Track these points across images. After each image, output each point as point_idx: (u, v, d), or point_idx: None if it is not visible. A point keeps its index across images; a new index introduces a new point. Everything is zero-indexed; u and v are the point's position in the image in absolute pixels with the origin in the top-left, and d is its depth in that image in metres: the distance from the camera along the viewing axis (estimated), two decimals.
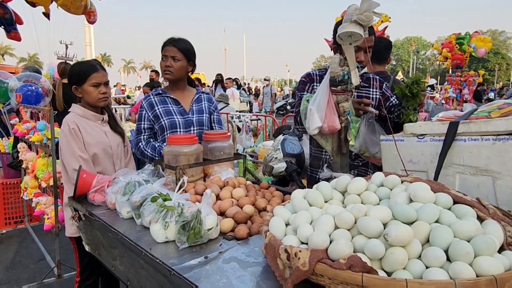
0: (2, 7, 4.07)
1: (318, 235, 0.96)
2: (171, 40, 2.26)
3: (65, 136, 2.08)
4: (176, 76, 2.27)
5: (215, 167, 1.95)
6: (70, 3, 3.86)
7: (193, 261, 1.18)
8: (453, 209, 1.03)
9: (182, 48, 2.24)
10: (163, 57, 2.24)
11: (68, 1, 3.82)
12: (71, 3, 3.85)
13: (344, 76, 1.59)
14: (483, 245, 0.85)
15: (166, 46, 2.24)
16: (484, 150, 1.29)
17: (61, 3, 3.84)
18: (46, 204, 3.15)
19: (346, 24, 1.41)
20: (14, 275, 3.41)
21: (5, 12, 4.12)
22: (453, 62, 10.73)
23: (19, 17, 4.47)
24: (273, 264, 1.01)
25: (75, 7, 3.97)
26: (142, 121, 2.29)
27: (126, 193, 1.59)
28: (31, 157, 3.47)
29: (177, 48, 2.22)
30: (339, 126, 1.63)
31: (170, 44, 2.23)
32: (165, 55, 2.23)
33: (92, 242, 1.74)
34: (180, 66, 2.25)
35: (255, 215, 1.49)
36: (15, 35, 4.45)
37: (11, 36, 4.42)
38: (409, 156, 1.53)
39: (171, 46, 2.22)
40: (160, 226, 1.33)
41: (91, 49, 23.59)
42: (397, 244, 0.87)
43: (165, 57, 2.23)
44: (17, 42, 4.71)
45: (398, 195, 1.10)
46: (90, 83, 2.13)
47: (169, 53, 2.21)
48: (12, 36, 4.43)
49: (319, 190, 1.23)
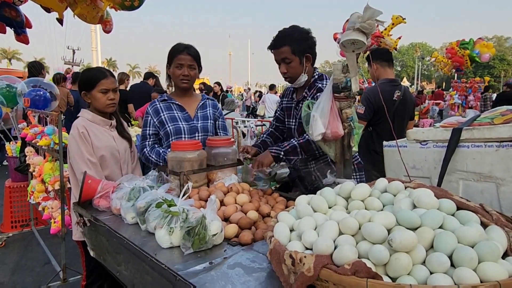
0: (15, 10, 4.15)
1: (323, 240, 0.97)
2: (183, 47, 2.25)
3: (75, 139, 2.11)
4: (192, 84, 2.33)
5: (219, 173, 1.96)
6: (86, 13, 3.91)
7: (198, 266, 1.18)
8: (457, 215, 1.03)
9: (195, 55, 2.27)
10: (178, 65, 2.24)
11: (85, 11, 3.87)
12: (87, 12, 3.90)
13: (347, 82, 1.60)
14: (487, 251, 0.85)
15: (180, 54, 2.23)
16: (487, 156, 1.29)
17: (78, 13, 3.90)
18: (53, 208, 3.18)
19: (349, 32, 1.42)
20: (20, 278, 3.43)
21: (17, 15, 4.20)
22: (453, 64, 10.75)
23: (29, 21, 4.55)
24: (278, 269, 1.01)
25: (91, 17, 4.03)
26: (148, 127, 2.31)
27: (131, 199, 1.60)
28: (38, 161, 3.51)
29: (191, 57, 2.25)
30: (342, 132, 1.64)
31: (185, 52, 2.23)
32: (180, 64, 2.23)
33: (97, 247, 1.75)
34: (195, 74, 2.29)
35: (259, 220, 1.50)
36: (24, 38, 4.54)
37: (20, 39, 4.51)
38: (412, 162, 1.53)
39: (185, 54, 2.23)
40: (165, 232, 1.34)
41: (97, 54, 23.81)
42: (402, 250, 0.88)
43: (180, 66, 2.23)
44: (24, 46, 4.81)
45: (402, 201, 1.10)
46: (99, 89, 2.17)
47: (185, 62, 2.23)
48: (21, 39, 4.52)
49: (323, 196, 1.24)
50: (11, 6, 4.07)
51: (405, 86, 3.32)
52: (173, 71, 2.27)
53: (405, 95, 3.11)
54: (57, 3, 3.80)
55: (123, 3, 3.60)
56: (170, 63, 2.27)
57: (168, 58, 2.29)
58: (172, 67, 2.26)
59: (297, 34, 2.13)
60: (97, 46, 24.06)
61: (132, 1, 3.53)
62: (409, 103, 3.21)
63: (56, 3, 3.82)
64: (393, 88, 3.08)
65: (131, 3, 3.55)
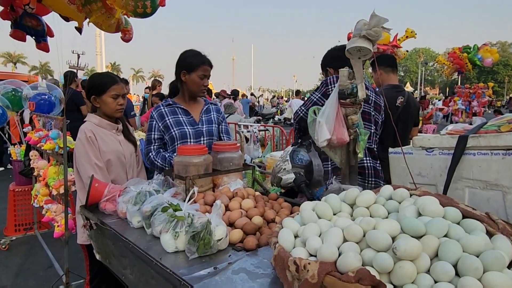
0: (35, 19, 4.23)
1: (327, 247, 0.97)
2: (205, 58, 2.32)
3: (82, 144, 2.13)
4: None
5: (224, 177, 1.97)
6: (102, 21, 3.96)
7: (203, 271, 1.19)
8: (462, 223, 1.03)
9: (212, 66, 2.35)
10: (201, 76, 2.29)
11: (100, 19, 3.91)
12: (102, 21, 3.94)
13: (353, 89, 1.61)
14: (493, 260, 0.85)
15: (205, 65, 2.30)
16: (494, 164, 1.29)
17: (93, 21, 3.95)
18: (57, 212, 3.19)
19: (355, 39, 1.43)
20: (23, 282, 3.44)
21: (38, 24, 4.29)
22: (454, 67, 10.78)
23: (51, 30, 4.64)
24: (282, 276, 1.02)
25: (107, 25, 4.07)
26: (152, 131, 2.33)
27: (137, 203, 1.61)
28: (42, 165, 3.53)
29: (211, 68, 2.34)
30: (348, 139, 1.64)
31: (207, 64, 2.31)
32: (204, 75, 2.30)
33: (103, 250, 1.76)
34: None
35: (264, 226, 1.50)
36: (44, 46, 4.64)
37: (40, 47, 4.61)
38: (418, 169, 1.53)
39: (208, 66, 2.31)
40: (170, 236, 1.35)
41: (101, 58, 23.94)
42: (406, 258, 0.88)
43: (204, 76, 2.30)
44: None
45: (407, 208, 1.10)
46: (110, 95, 2.20)
47: (208, 73, 2.32)
48: (41, 47, 4.62)
49: (328, 203, 1.24)
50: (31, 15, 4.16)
51: (409, 92, 3.32)
52: (194, 79, 2.30)
53: (408, 101, 3.12)
54: (76, 12, 3.86)
55: (135, 10, 3.62)
56: (191, 70, 2.29)
57: (188, 65, 2.29)
58: (194, 75, 2.29)
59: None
60: (102, 50, 24.19)
61: (144, 7, 3.55)
62: (412, 109, 3.21)
63: (75, 13, 3.89)
64: (396, 94, 3.08)
65: (143, 10, 3.57)
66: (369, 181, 2.28)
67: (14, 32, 4.24)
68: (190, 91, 2.35)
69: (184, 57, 2.32)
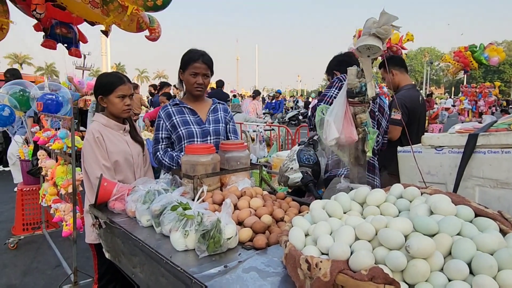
0: (65, 27, 4.30)
1: (339, 245, 0.97)
2: (199, 55, 2.27)
3: (90, 144, 2.14)
4: (204, 91, 2.37)
5: (232, 176, 1.97)
6: (120, 21, 3.97)
7: (213, 270, 1.19)
8: (475, 222, 1.03)
9: (210, 64, 2.30)
10: (192, 73, 2.26)
11: (118, 19, 3.93)
12: (120, 20, 3.96)
13: (361, 87, 1.61)
14: (507, 258, 0.84)
15: (196, 62, 2.25)
16: (504, 162, 1.28)
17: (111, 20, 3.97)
18: (65, 211, 3.21)
19: (365, 37, 1.43)
20: (31, 281, 3.47)
21: (68, 31, 4.38)
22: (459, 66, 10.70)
23: (84, 36, 4.72)
24: (294, 274, 1.02)
25: (125, 25, 4.08)
26: (160, 130, 2.33)
27: (146, 202, 1.61)
28: (50, 164, 3.55)
29: (206, 65, 2.28)
30: (357, 137, 1.64)
31: (200, 61, 2.25)
32: (196, 72, 2.26)
33: (112, 249, 1.77)
34: (208, 82, 2.34)
35: (273, 225, 1.50)
36: (75, 52, 4.73)
37: (71, 53, 4.76)
38: (427, 168, 1.53)
39: (201, 63, 2.25)
40: (180, 235, 1.35)
41: (107, 58, 24.02)
42: (419, 256, 0.88)
43: (195, 74, 2.26)
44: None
45: (418, 207, 1.10)
46: (116, 95, 2.20)
47: (200, 71, 2.26)
48: (73, 53, 4.74)
49: (338, 201, 1.24)
50: (62, 23, 4.23)
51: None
52: (187, 78, 2.29)
53: (423, 99, 3.21)
54: (101, 16, 3.89)
55: (145, 4, 3.61)
56: (184, 69, 2.29)
57: (183, 64, 2.31)
58: (186, 74, 2.28)
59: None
60: (107, 50, 24.27)
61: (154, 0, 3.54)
62: (425, 108, 3.29)
63: (100, 17, 3.92)
64: (417, 93, 3.21)
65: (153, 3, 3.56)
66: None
67: (45, 41, 4.37)
68: (187, 90, 2.36)
69: (182, 56, 2.34)
